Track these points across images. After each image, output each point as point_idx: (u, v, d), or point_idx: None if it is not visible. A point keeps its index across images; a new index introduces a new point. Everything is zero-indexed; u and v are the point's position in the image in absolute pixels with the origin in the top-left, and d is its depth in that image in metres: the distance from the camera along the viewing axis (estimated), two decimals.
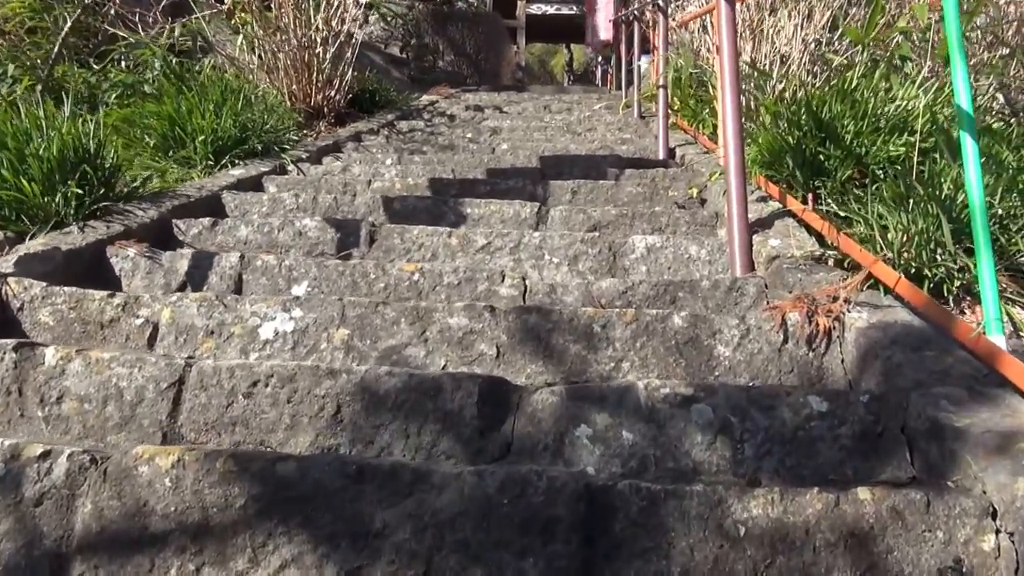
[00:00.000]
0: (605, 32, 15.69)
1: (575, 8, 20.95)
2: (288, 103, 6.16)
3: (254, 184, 3.80)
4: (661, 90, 4.95)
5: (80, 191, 2.78)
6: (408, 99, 8.25)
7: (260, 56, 6.20)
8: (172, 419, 1.66)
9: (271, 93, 5.89)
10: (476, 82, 13.24)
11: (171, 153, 3.98)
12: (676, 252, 2.77)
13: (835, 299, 1.99)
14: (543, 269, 2.78)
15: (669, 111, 6.44)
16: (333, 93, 6.42)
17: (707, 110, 5.54)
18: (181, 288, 2.52)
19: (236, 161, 4.10)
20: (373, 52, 11.37)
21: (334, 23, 6.41)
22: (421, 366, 1.97)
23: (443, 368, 1.97)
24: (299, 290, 2.48)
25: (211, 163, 4.01)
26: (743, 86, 4.58)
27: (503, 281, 2.43)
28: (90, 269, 2.54)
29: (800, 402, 1.59)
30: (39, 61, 5.36)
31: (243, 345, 2.02)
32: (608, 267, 2.76)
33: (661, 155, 4.77)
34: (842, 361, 1.88)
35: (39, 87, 4.80)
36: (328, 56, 6.33)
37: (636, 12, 7.41)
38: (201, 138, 4.00)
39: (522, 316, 2.00)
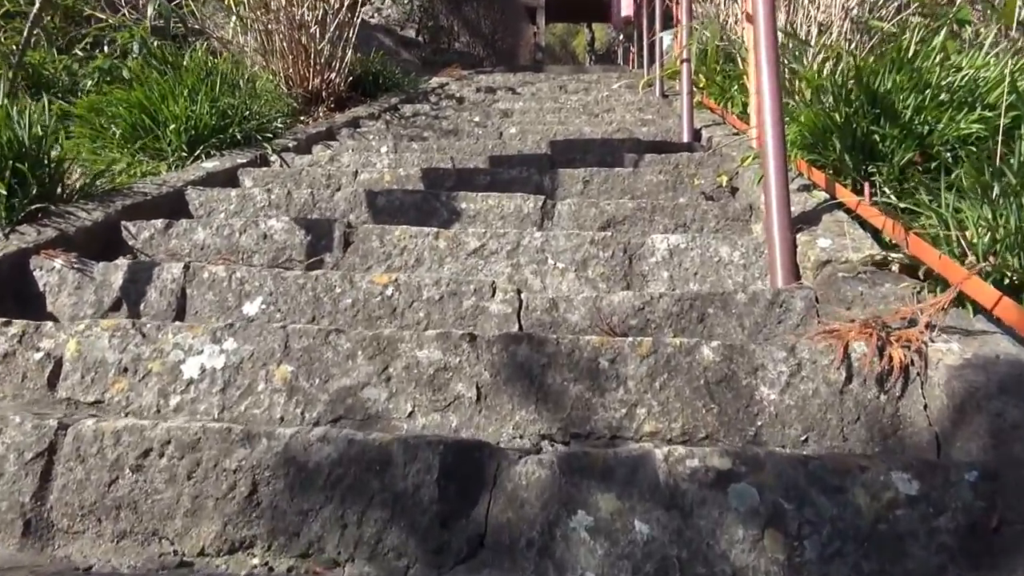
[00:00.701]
0: (627, 8, 15.10)
1: None
2: (284, 87, 5.77)
3: (228, 178, 3.40)
4: (684, 65, 4.47)
5: (6, 192, 2.40)
6: (416, 82, 7.81)
7: (254, 38, 5.82)
8: (39, 501, 1.26)
9: (262, 77, 5.50)
10: (491, 63, 12.78)
11: (140, 144, 3.60)
12: (704, 254, 2.32)
13: (912, 323, 1.55)
14: (545, 276, 2.35)
15: (694, 88, 5.96)
16: (333, 76, 6.01)
17: (735, 86, 5.05)
18: (115, 307, 2.12)
19: (213, 152, 3.71)
20: (385, 34, 10.96)
21: (332, 1, 6.00)
22: (382, 412, 1.56)
23: (409, 415, 1.55)
24: (252, 308, 2.08)
25: (184, 155, 3.62)
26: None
27: (494, 295, 2.01)
28: (9, 285, 2.15)
29: (880, 481, 1.15)
30: (15, 47, 5.02)
31: (162, 386, 1.62)
32: (623, 274, 2.32)
33: (685, 137, 4.30)
34: (924, 407, 1.44)
35: (11, 75, 4.44)
36: (327, 37, 5.92)
37: None
38: (173, 127, 3.61)
39: (509, 348, 1.58)
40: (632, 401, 1.52)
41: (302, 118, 5.56)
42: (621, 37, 18.25)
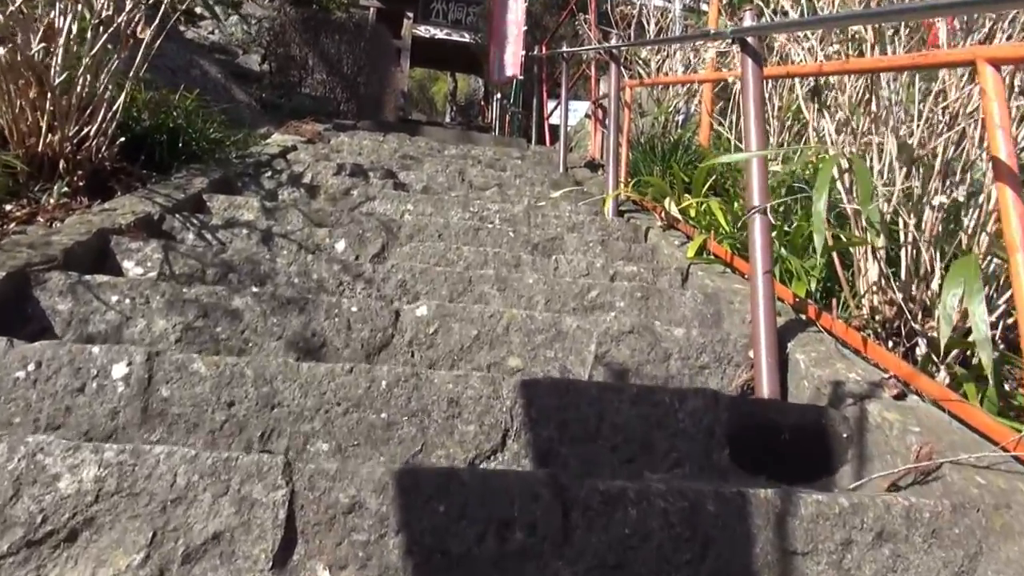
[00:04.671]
0: (513, 67, 13.20)
1: (467, 36, 18.62)
2: None
3: None
4: (758, 219, 2.35)
5: None
6: (247, 141, 5.29)
7: None
8: None
9: None
10: (353, 111, 10.38)
11: None
12: None
13: None
14: None
15: (675, 216, 3.91)
16: (90, 131, 3.43)
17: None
18: None
19: None
20: (214, 60, 8.28)
21: (100, 2, 3.45)
22: None
23: None
24: None
25: None
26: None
27: None
28: None
29: None
30: None
31: None
32: None
33: (767, 380, 2.12)
34: None
35: None
36: (84, 62, 3.36)
37: (614, 51, 4.84)
38: None
39: None
40: None
41: (7, 208, 2.97)
42: (499, 95, 16.37)
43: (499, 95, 16.41)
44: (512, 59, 13.14)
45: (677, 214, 3.99)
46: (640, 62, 6.42)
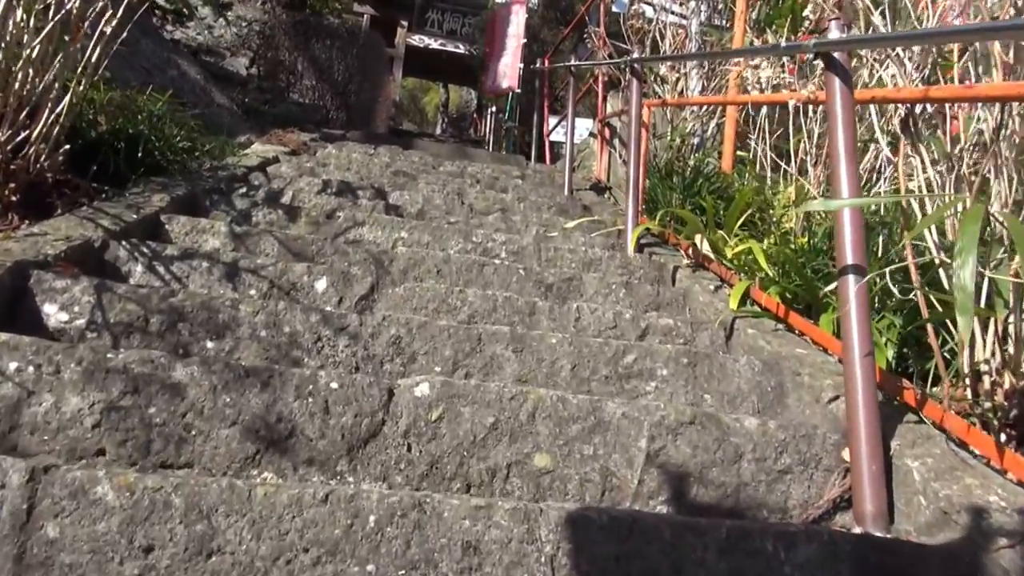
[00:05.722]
0: (509, 80, 12.74)
1: (462, 47, 18.20)
2: None
3: None
4: (853, 285, 1.84)
5: None
6: (225, 149, 4.75)
7: None
8: None
9: None
10: (343, 121, 9.87)
11: None
12: None
13: None
14: None
15: (714, 258, 3.40)
16: (31, 135, 2.89)
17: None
18: None
19: None
20: (195, 61, 7.73)
21: None
22: None
23: None
24: None
25: None
26: None
27: None
28: None
29: None
30: None
31: None
32: None
33: (870, 498, 1.62)
34: None
35: None
36: (26, 54, 2.85)
37: (636, 66, 4.34)
38: None
39: None
40: None
41: None
42: (492, 108, 15.89)
43: (494, 108, 15.93)
44: (509, 71, 12.68)
45: (710, 252, 3.50)
46: (657, 80, 5.94)
